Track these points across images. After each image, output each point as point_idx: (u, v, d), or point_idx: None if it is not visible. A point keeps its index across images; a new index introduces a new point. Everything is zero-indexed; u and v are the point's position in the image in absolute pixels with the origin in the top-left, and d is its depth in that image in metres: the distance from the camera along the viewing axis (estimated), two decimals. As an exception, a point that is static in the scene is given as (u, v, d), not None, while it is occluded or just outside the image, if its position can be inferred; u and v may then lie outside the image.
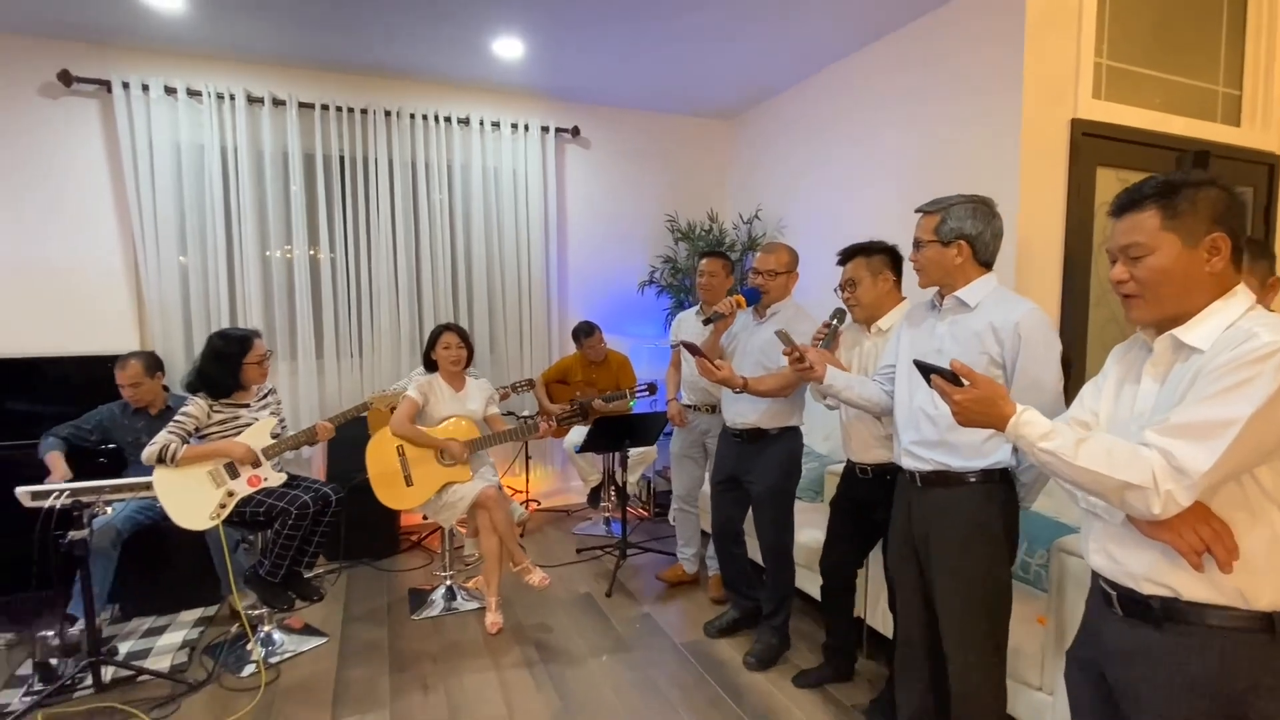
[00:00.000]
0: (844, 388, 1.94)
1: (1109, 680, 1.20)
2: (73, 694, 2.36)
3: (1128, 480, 1.06)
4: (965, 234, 1.71)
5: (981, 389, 1.22)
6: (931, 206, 1.77)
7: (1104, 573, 1.20)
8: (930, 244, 1.74)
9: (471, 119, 4.15)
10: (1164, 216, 1.10)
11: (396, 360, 4.06)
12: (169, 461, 2.35)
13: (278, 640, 2.68)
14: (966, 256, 1.72)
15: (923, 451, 1.75)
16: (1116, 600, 1.18)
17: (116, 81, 3.42)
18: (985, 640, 1.72)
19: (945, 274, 1.75)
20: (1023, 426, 1.18)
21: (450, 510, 2.83)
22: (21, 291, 3.43)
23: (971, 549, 1.70)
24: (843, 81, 3.80)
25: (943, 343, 1.74)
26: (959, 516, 1.71)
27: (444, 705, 2.31)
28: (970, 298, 1.72)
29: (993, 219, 1.74)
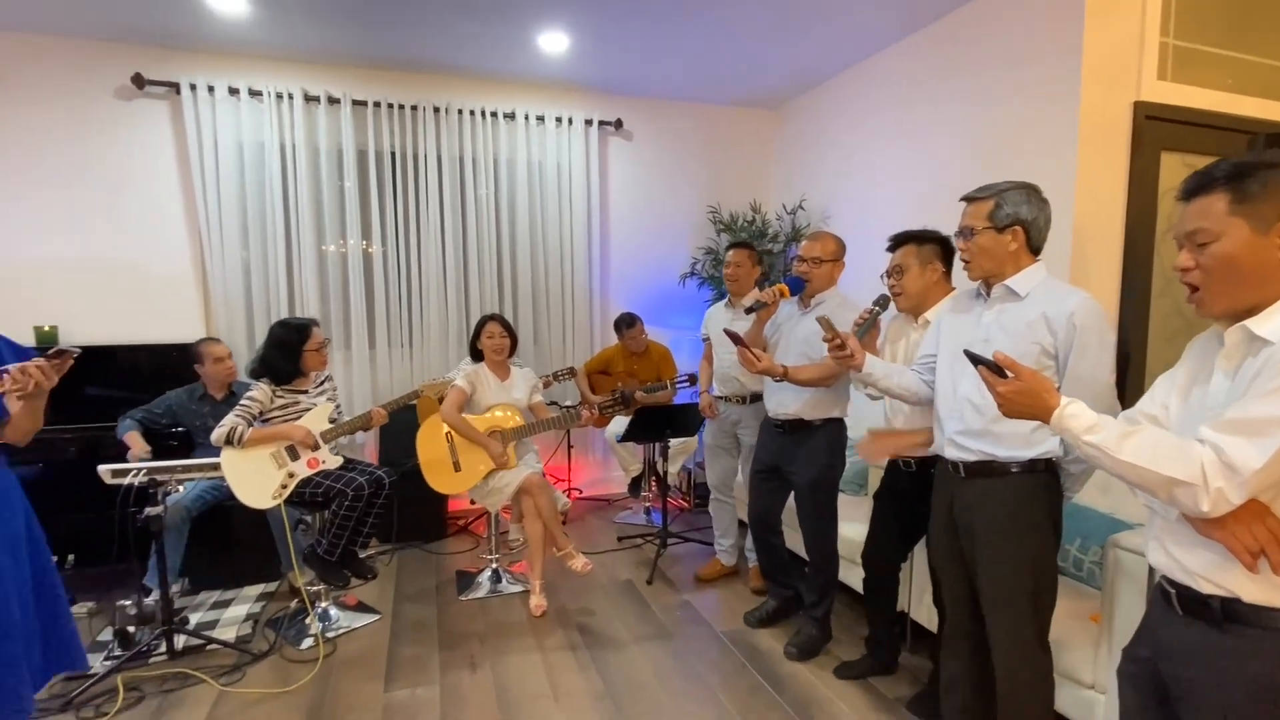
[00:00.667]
0: (882, 376, 1.93)
1: (1166, 679, 1.17)
2: (148, 660, 2.52)
3: (1174, 476, 1.03)
4: (1021, 219, 1.67)
5: (1026, 381, 1.21)
6: (982, 193, 1.73)
7: (1163, 570, 1.17)
8: (984, 231, 1.70)
9: (517, 113, 4.22)
10: (1233, 200, 1.05)
11: (445, 350, 4.18)
12: (236, 443, 2.49)
13: (334, 616, 2.81)
14: (1021, 243, 1.68)
15: (968, 441, 1.73)
16: (1176, 599, 1.15)
17: (185, 83, 3.59)
18: (1031, 631, 1.69)
19: (998, 262, 1.71)
20: (1068, 419, 1.16)
21: (496, 495, 2.91)
22: (99, 284, 3.65)
23: (1016, 539, 1.68)
24: (891, 68, 3.73)
25: (990, 332, 1.71)
26: (1003, 506, 1.69)
27: (490, 682, 2.39)
28: (1021, 287, 1.68)
29: (1044, 205, 1.70)
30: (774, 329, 2.64)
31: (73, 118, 3.56)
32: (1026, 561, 1.67)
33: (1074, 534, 2.22)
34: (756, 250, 3.05)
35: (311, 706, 2.25)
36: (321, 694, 2.32)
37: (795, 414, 2.50)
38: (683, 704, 2.27)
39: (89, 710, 2.22)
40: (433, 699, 2.30)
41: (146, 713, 2.22)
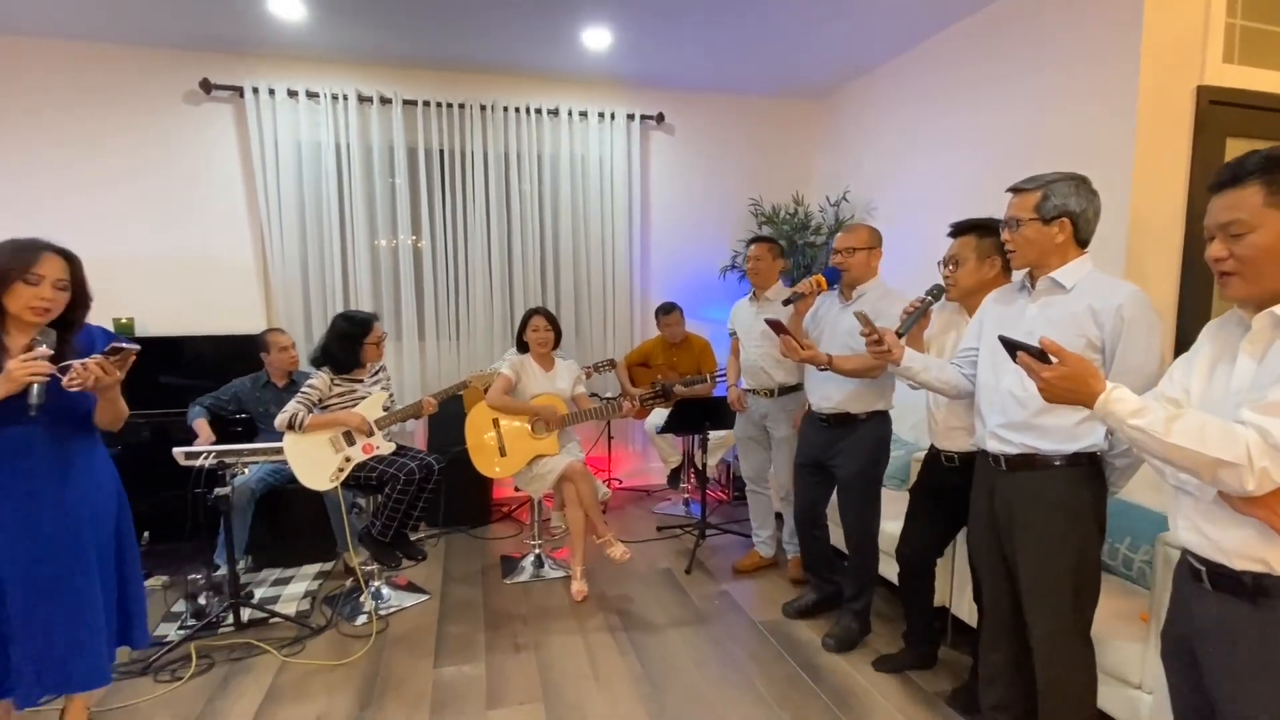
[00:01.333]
0: (921, 370, 1.92)
1: (1198, 655, 1.19)
2: (217, 630, 2.69)
3: (1220, 457, 1.05)
4: (1069, 211, 1.65)
5: (1071, 366, 1.21)
6: (1029, 184, 1.71)
7: (1194, 549, 1.19)
8: (1030, 222, 1.68)
9: (560, 110, 4.29)
10: (1268, 193, 1.06)
11: (490, 341, 4.30)
12: (297, 428, 2.63)
13: (386, 595, 2.95)
14: (1068, 235, 1.67)
15: (1010, 435, 1.72)
16: (1206, 575, 1.17)
17: (248, 87, 3.78)
18: (1071, 625, 1.68)
19: (1043, 254, 1.69)
20: (1113, 404, 1.17)
21: (540, 481, 3.00)
22: (170, 278, 3.88)
23: (1058, 532, 1.67)
24: (939, 56, 3.66)
25: (1034, 325, 1.68)
26: (1045, 499, 1.68)
27: (534, 662, 2.48)
28: (1066, 279, 1.67)
29: (1093, 197, 1.68)
30: (816, 323, 2.63)
31: (146, 122, 3.79)
32: (1068, 555, 1.66)
33: (1123, 532, 2.17)
34: (779, 244, 3.05)
35: (365, 679, 2.38)
36: (375, 667, 2.45)
37: (840, 407, 2.49)
38: (719, 689, 2.31)
39: (165, 674, 2.39)
40: (479, 676, 2.40)
41: (216, 678, 2.38)
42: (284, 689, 2.32)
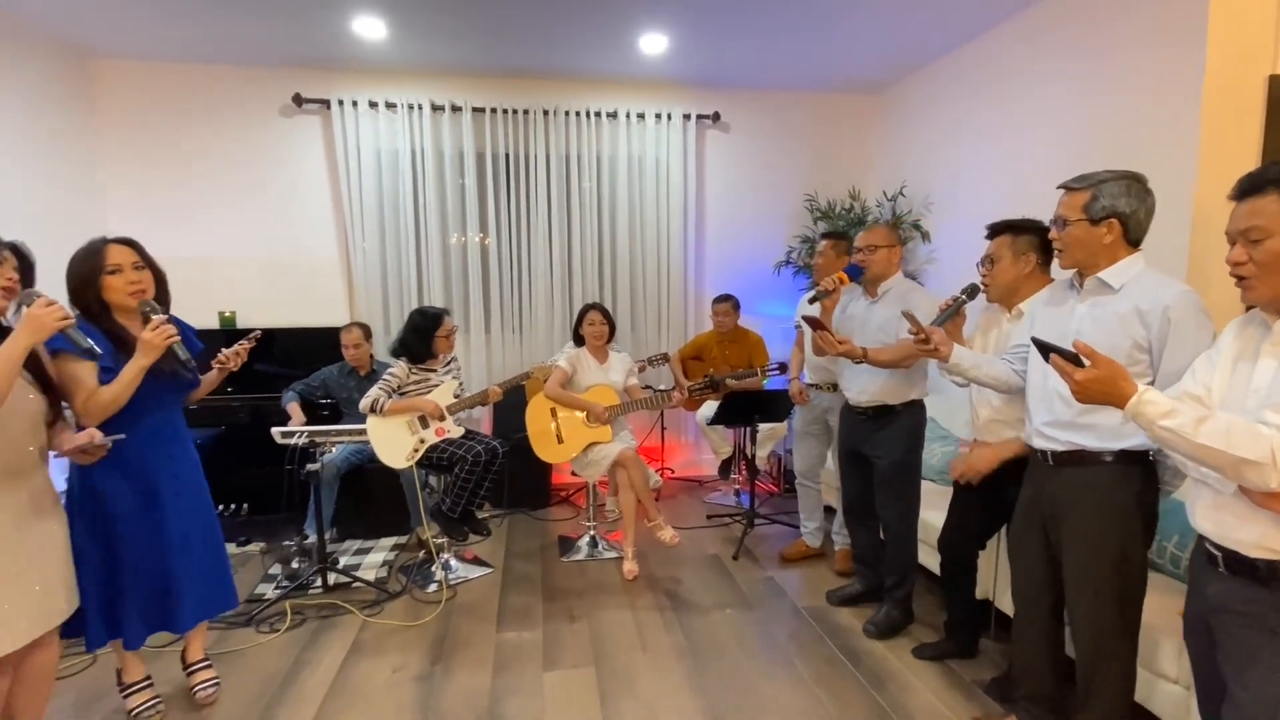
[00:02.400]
0: (971, 366, 1.95)
1: (1214, 632, 1.27)
2: (307, 591, 3.01)
3: (1245, 457, 1.11)
4: (1118, 212, 1.64)
5: (1102, 369, 1.26)
6: (1079, 183, 1.70)
7: (1211, 536, 1.26)
8: (1077, 222, 1.68)
9: (619, 112, 4.46)
10: None
11: (550, 335, 4.53)
12: (379, 411, 2.91)
13: (454, 567, 3.21)
14: (1117, 236, 1.66)
15: (1056, 433, 1.74)
16: (1221, 560, 1.24)
17: (334, 100, 4.13)
18: (1114, 621, 1.70)
19: (1091, 254, 1.69)
20: (1144, 405, 1.22)
21: (595, 467, 3.19)
22: (265, 275, 4.28)
23: (1103, 527, 1.69)
24: (999, 49, 3.62)
25: (1082, 324, 1.70)
26: (1092, 495, 1.69)
27: (587, 633, 2.67)
28: (1114, 279, 1.66)
29: (1146, 196, 1.66)
30: (846, 320, 2.70)
31: (246, 134, 4.19)
32: (1112, 551, 1.68)
33: (1171, 531, 2.16)
34: (846, 240, 3.11)
35: (436, 639, 2.63)
36: (444, 630, 2.70)
37: (877, 399, 2.57)
38: (761, 666, 2.44)
39: (265, 626, 2.71)
40: (536, 641, 2.61)
41: (308, 632, 2.69)
42: (365, 644, 2.60)
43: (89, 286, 1.88)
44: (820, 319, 2.43)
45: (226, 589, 2.17)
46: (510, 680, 2.35)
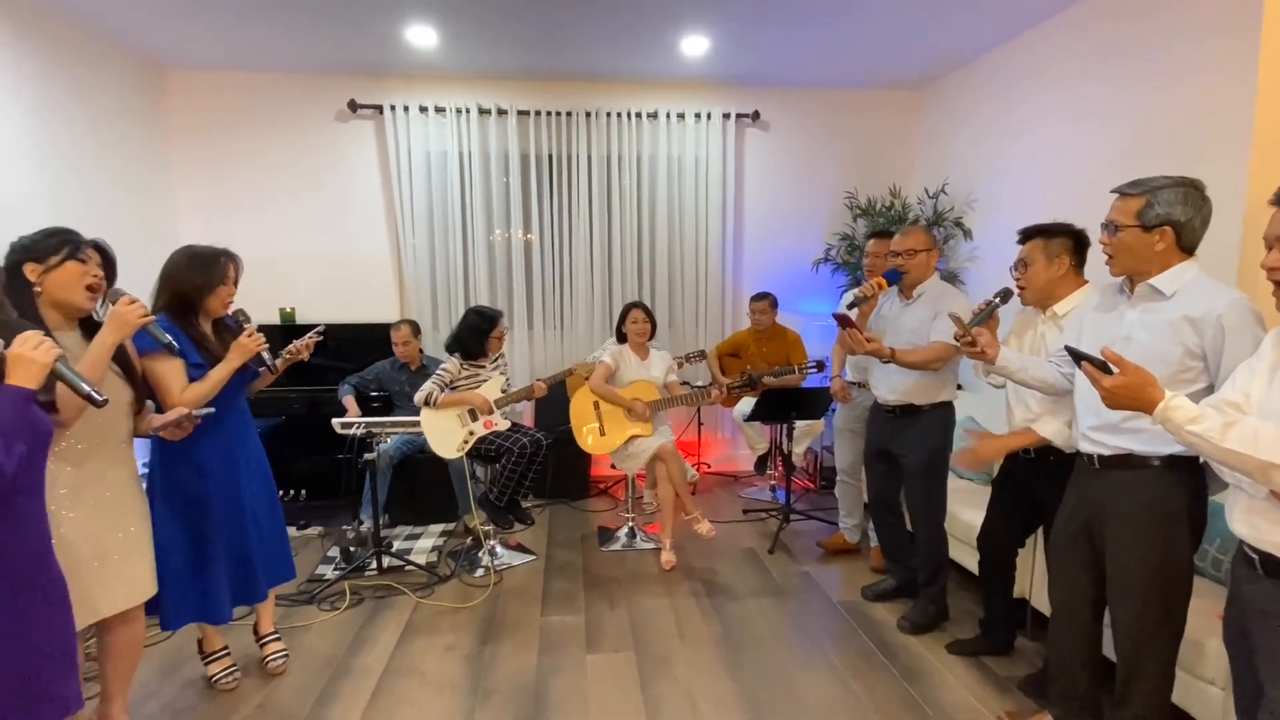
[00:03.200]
0: (1018, 369, 1.96)
1: (1251, 635, 1.29)
2: (363, 573, 3.19)
3: (1272, 461, 1.14)
4: (1173, 220, 1.61)
5: (1130, 376, 1.30)
6: (1133, 189, 1.67)
7: (1248, 540, 1.29)
8: (1130, 229, 1.66)
9: (659, 113, 4.54)
10: None
11: (590, 332, 4.64)
12: (432, 404, 3.07)
13: (500, 553, 3.36)
14: (1169, 243, 1.63)
15: (1103, 437, 1.74)
16: (1259, 564, 1.27)
17: (387, 105, 4.31)
18: (1156, 623, 1.70)
19: (1142, 261, 1.67)
20: (1172, 411, 1.26)
21: (634, 460, 3.30)
22: (321, 273, 4.50)
23: (1148, 530, 1.68)
24: (1042, 45, 3.58)
25: (1132, 330, 1.70)
26: (1137, 498, 1.69)
27: (626, 618, 2.79)
28: (1166, 286, 1.65)
29: (1203, 205, 1.63)
30: (880, 321, 2.74)
31: (304, 139, 4.40)
32: (1158, 554, 1.67)
33: (1214, 534, 2.15)
34: None
35: (483, 621, 2.78)
36: (491, 612, 2.85)
37: (905, 399, 2.60)
38: (794, 656, 2.51)
39: (326, 605, 2.90)
40: (578, 625, 2.73)
41: (365, 611, 2.86)
42: (418, 624, 2.75)
43: (199, 290, 2.07)
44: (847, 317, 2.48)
45: (287, 561, 2.37)
46: (555, 661, 2.48)
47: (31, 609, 1.37)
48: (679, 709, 2.20)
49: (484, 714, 2.18)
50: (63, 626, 1.45)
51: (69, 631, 1.47)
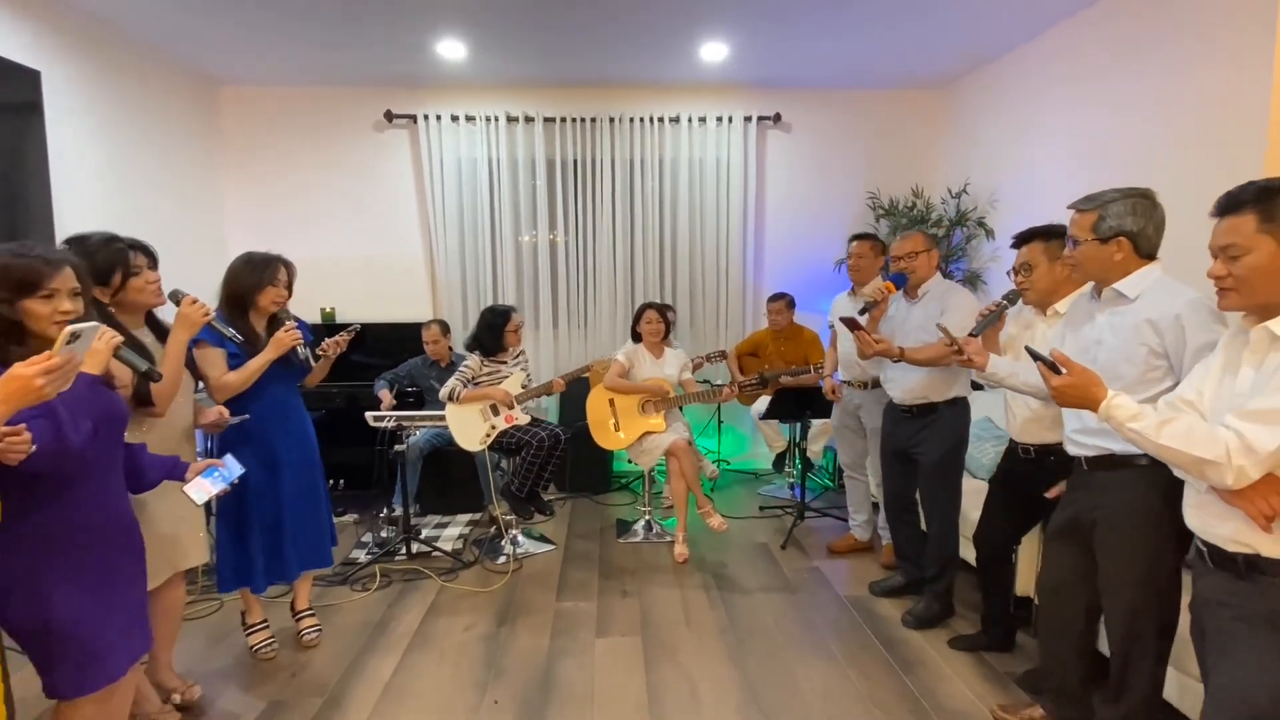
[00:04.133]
0: (1007, 375, 2.03)
1: (1204, 623, 1.34)
2: (394, 558, 3.39)
3: (1203, 456, 1.20)
4: (1125, 230, 1.69)
5: (1076, 376, 1.38)
6: (1086, 204, 1.76)
7: (1198, 533, 1.35)
8: (1088, 242, 1.74)
9: (681, 117, 4.65)
10: (1260, 220, 1.19)
11: (613, 330, 4.78)
12: (455, 399, 3.25)
13: (521, 542, 3.52)
14: (1127, 252, 1.70)
15: (1084, 439, 1.80)
16: (1208, 555, 1.32)
17: (421, 115, 4.53)
18: (1151, 623, 1.74)
19: (1103, 270, 1.75)
20: (1113, 409, 1.33)
21: (649, 455, 3.42)
22: (359, 275, 4.75)
23: (1134, 528, 1.72)
24: (1068, 42, 3.55)
25: (1102, 334, 1.77)
26: (1123, 496, 1.74)
27: (637, 607, 2.91)
28: (1130, 290, 1.71)
29: (1153, 212, 1.71)
30: (886, 320, 2.79)
31: (344, 148, 4.66)
32: (1145, 552, 1.72)
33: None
34: (880, 241, 3.20)
35: (503, 604, 2.94)
36: (510, 596, 3.01)
37: (920, 396, 2.65)
38: (796, 646, 2.59)
39: (358, 586, 3.10)
40: (591, 611, 2.87)
41: (394, 592, 3.05)
42: (442, 605, 2.93)
43: (252, 290, 2.30)
44: (855, 320, 2.55)
45: (324, 549, 2.55)
46: (566, 643, 2.62)
47: (117, 565, 1.58)
48: (678, 692, 2.31)
49: (495, 689, 2.34)
50: (139, 580, 1.67)
51: (143, 586, 1.69)
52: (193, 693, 2.22)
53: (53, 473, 1.43)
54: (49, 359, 1.17)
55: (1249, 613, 1.25)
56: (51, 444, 1.35)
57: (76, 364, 1.25)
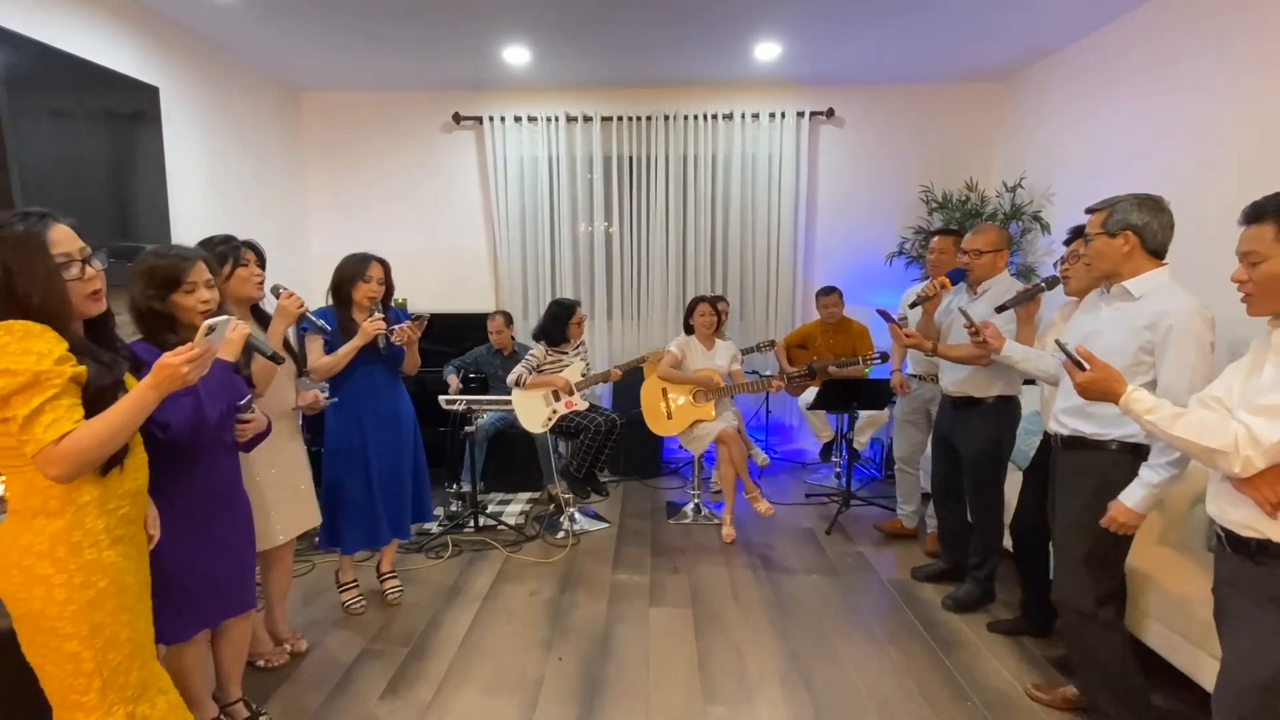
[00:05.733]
0: (1021, 359, 2.20)
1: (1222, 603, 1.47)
2: (462, 530, 3.69)
3: (1213, 446, 1.33)
4: (1131, 224, 1.82)
5: (1098, 371, 1.51)
6: (1099, 205, 1.91)
7: (1216, 519, 1.46)
8: (1098, 236, 1.89)
9: (734, 114, 4.77)
10: (1279, 230, 1.27)
11: (665, 322, 4.97)
12: (521, 385, 3.51)
13: (578, 519, 3.77)
14: (1134, 245, 1.83)
15: (1066, 419, 1.98)
16: (1225, 540, 1.44)
17: (486, 116, 4.79)
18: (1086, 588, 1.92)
19: (1113, 264, 1.87)
20: (1132, 403, 1.47)
21: (698, 441, 3.61)
22: (428, 267, 5.07)
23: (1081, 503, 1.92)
24: (1127, 37, 3.53)
25: (1103, 325, 1.91)
26: (1081, 476, 1.93)
27: (687, 583, 3.11)
28: (1136, 289, 1.84)
29: (1159, 212, 1.82)
30: (945, 314, 2.88)
31: (415, 148, 4.97)
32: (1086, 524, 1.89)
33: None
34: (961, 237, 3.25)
35: (563, 574, 3.19)
36: (570, 567, 3.26)
37: (962, 390, 2.74)
38: (838, 623, 2.75)
39: (432, 554, 3.40)
40: (644, 584, 3.09)
41: (464, 561, 3.34)
42: (508, 573, 3.20)
43: (348, 284, 2.60)
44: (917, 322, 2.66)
45: (412, 519, 2.85)
46: (623, 610, 2.85)
47: (223, 529, 1.82)
48: (727, 658, 2.51)
49: (560, 647, 2.58)
50: (248, 544, 1.94)
51: (251, 550, 1.96)
52: (300, 644, 2.54)
53: (190, 445, 1.67)
54: (191, 349, 1.37)
55: (1260, 594, 1.37)
56: (193, 420, 1.63)
57: (214, 353, 1.48)
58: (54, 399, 1.24)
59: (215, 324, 1.43)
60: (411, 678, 2.40)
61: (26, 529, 1.29)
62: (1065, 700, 2.22)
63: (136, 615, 1.41)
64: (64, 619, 1.28)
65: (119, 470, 1.38)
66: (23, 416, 1.22)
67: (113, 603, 1.33)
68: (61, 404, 1.25)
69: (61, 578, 1.28)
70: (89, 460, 1.28)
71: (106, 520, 1.35)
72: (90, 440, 1.26)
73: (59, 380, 1.25)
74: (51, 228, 1.29)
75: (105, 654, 1.32)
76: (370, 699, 2.28)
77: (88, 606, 1.30)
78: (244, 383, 1.88)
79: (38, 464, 1.25)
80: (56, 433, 1.24)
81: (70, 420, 1.26)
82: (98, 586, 1.32)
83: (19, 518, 1.30)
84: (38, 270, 1.27)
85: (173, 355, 1.35)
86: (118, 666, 1.34)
